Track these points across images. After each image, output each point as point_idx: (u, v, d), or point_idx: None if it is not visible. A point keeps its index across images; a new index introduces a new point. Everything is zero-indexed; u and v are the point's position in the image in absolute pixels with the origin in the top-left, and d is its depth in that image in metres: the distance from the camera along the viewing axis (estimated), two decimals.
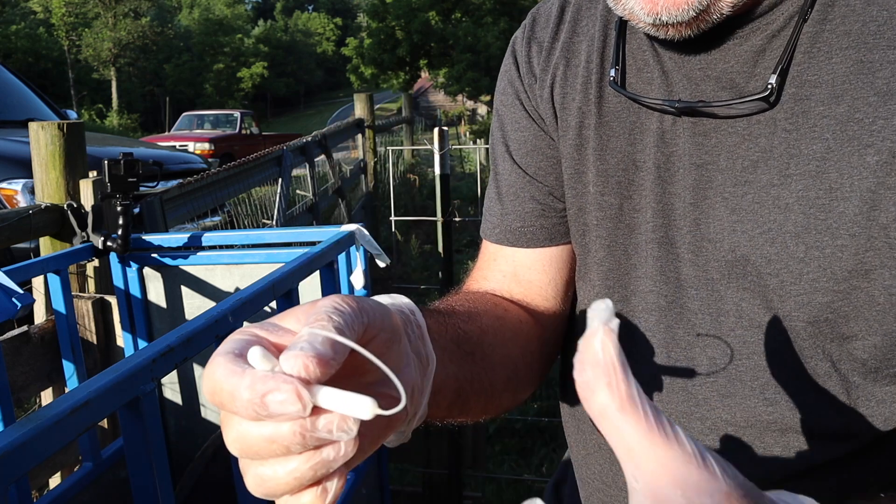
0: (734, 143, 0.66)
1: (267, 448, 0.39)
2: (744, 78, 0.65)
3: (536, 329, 0.81)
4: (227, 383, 0.38)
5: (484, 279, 0.85)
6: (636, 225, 0.72)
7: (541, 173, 0.81)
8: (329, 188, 5.66)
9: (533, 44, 0.82)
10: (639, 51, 0.73)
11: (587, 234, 0.77)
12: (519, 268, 0.83)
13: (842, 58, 0.61)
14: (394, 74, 25.00)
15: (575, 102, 0.76)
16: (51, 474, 1.80)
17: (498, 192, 0.84)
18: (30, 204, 2.21)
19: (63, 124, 2.03)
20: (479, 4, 23.16)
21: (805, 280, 0.62)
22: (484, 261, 0.86)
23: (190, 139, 13.92)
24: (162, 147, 6.05)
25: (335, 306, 0.42)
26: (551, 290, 0.83)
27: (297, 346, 0.39)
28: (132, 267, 1.84)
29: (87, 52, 41.14)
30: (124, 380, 0.85)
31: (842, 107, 0.61)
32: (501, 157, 0.84)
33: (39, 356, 1.67)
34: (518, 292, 0.82)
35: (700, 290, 0.68)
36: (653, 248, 0.71)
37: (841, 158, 0.60)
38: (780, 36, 0.63)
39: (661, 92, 0.70)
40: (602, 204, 0.74)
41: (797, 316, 0.63)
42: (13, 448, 0.67)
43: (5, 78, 4.80)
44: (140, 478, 0.90)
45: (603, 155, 0.74)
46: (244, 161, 3.47)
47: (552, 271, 0.83)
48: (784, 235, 0.63)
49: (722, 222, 0.66)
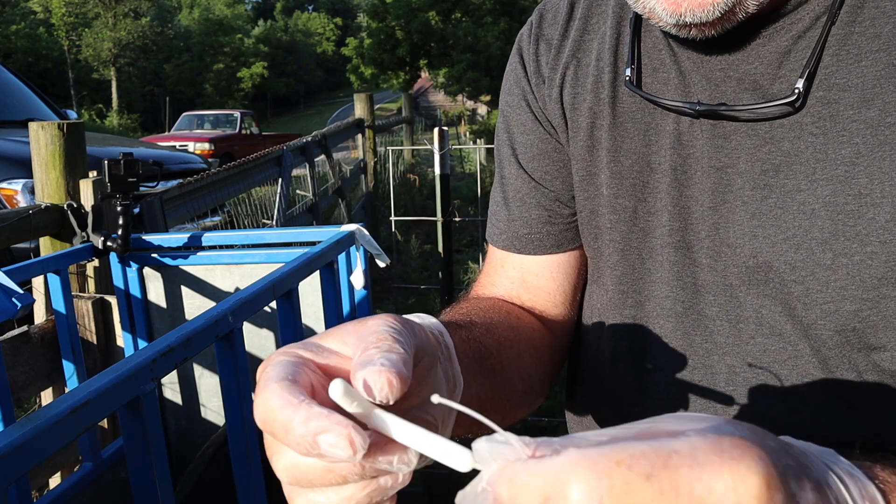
0: (754, 145, 0.64)
1: (323, 477, 0.38)
2: (768, 80, 0.63)
3: (548, 337, 0.80)
4: (281, 414, 0.36)
5: (492, 285, 0.83)
6: (651, 228, 0.70)
7: (547, 178, 0.79)
8: (329, 188, 5.66)
9: (541, 42, 0.79)
10: (654, 50, 0.71)
11: (600, 238, 0.75)
12: (527, 274, 0.82)
13: (872, 61, 0.59)
14: (394, 74, 25.00)
15: (586, 103, 0.74)
16: (51, 474, 1.80)
17: (504, 197, 0.82)
18: (30, 204, 2.21)
19: (63, 124, 2.03)
20: (479, 4, 23.15)
21: (832, 288, 0.60)
22: (491, 266, 0.85)
23: (190, 139, 13.92)
24: (162, 147, 6.05)
25: (391, 325, 0.41)
26: (560, 297, 0.82)
27: (373, 362, 0.37)
28: (132, 267, 1.84)
29: (87, 52, 41.13)
30: (124, 380, 0.85)
31: (872, 111, 0.59)
32: (507, 161, 0.82)
33: (39, 356, 1.67)
34: (527, 298, 0.81)
35: (718, 297, 0.67)
36: (669, 252, 0.69)
37: (871, 163, 0.58)
38: (807, 37, 0.62)
39: (679, 93, 0.68)
40: (616, 206, 0.72)
41: (823, 325, 0.62)
42: (13, 448, 0.67)
43: (5, 78, 4.80)
44: (140, 478, 0.90)
45: (617, 156, 0.72)
46: (244, 161, 3.47)
47: (560, 277, 0.82)
48: (810, 241, 0.61)
49: (742, 227, 0.64)
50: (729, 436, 0.30)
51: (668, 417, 0.34)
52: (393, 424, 0.36)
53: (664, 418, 0.34)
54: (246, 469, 1.09)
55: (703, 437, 0.30)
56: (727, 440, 0.30)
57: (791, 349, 0.64)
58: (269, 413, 0.37)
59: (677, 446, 0.30)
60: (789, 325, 0.63)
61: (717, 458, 0.29)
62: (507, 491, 0.30)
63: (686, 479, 0.29)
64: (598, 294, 0.78)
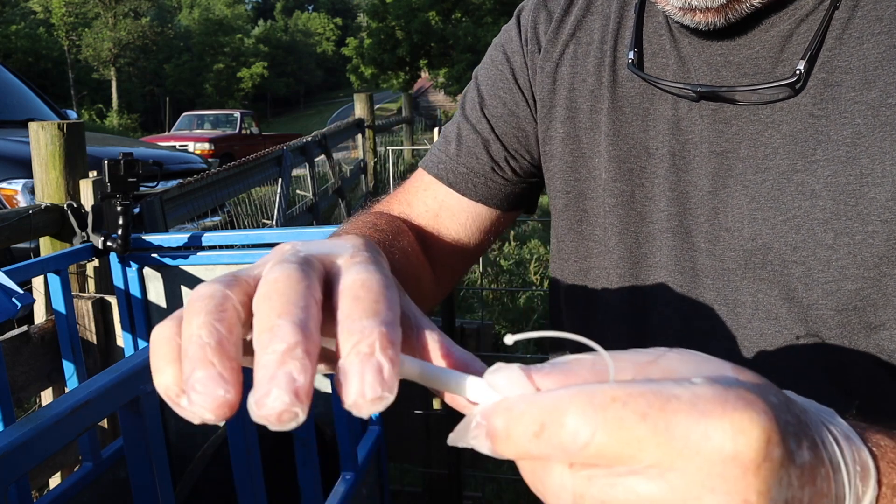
0: (756, 130, 0.64)
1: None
2: (770, 63, 0.64)
3: (432, 283, 0.81)
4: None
5: (408, 204, 0.84)
6: (648, 213, 0.71)
7: (506, 137, 0.81)
8: (329, 188, 5.66)
9: (542, 11, 0.80)
10: (655, 34, 0.71)
11: (586, 221, 0.76)
12: (444, 209, 0.83)
13: (874, 43, 0.60)
14: (394, 74, 25.00)
15: (587, 84, 0.75)
16: (51, 474, 1.80)
17: (458, 136, 0.83)
18: (30, 204, 2.21)
19: (63, 124, 2.03)
20: (479, 4, 23.16)
21: (834, 267, 0.61)
22: (414, 186, 0.85)
23: (190, 139, 13.91)
24: (162, 147, 6.05)
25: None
26: (460, 245, 0.83)
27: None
28: (132, 267, 1.84)
29: (87, 52, 41.14)
30: (124, 380, 0.84)
31: (874, 92, 0.59)
32: (472, 107, 0.83)
33: (39, 356, 1.67)
34: (432, 233, 0.82)
35: (716, 281, 0.67)
36: (667, 237, 0.69)
37: (872, 144, 0.59)
38: (809, 20, 0.62)
39: (678, 77, 0.68)
40: (614, 191, 0.72)
41: (824, 304, 0.62)
42: (13, 448, 0.67)
43: (5, 78, 4.80)
44: (140, 478, 0.90)
45: (616, 141, 0.72)
46: (244, 161, 3.47)
47: (471, 227, 0.83)
48: (811, 222, 0.61)
49: (741, 210, 0.65)
50: (735, 388, 0.30)
51: (673, 355, 0.33)
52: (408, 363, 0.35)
53: (670, 355, 0.33)
54: (246, 469, 1.09)
55: (710, 386, 0.30)
56: (733, 392, 0.30)
57: (787, 333, 0.64)
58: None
59: (678, 391, 0.29)
60: (785, 309, 0.64)
61: (720, 408, 0.29)
62: (503, 421, 0.31)
63: (683, 424, 0.29)
64: (593, 276, 0.77)
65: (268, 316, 0.32)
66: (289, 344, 0.31)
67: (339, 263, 0.37)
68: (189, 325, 0.33)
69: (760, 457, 0.29)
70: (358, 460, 1.48)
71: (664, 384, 0.30)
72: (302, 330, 0.31)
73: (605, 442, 0.29)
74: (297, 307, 0.32)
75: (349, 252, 0.37)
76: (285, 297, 0.33)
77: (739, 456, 0.29)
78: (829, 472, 0.32)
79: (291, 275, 0.34)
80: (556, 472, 0.31)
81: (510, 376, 0.32)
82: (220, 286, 0.35)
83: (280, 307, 0.32)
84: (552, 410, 0.30)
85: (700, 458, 0.29)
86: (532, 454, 0.31)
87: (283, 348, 0.31)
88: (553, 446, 0.30)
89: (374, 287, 0.34)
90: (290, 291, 0.33)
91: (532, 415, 0.30)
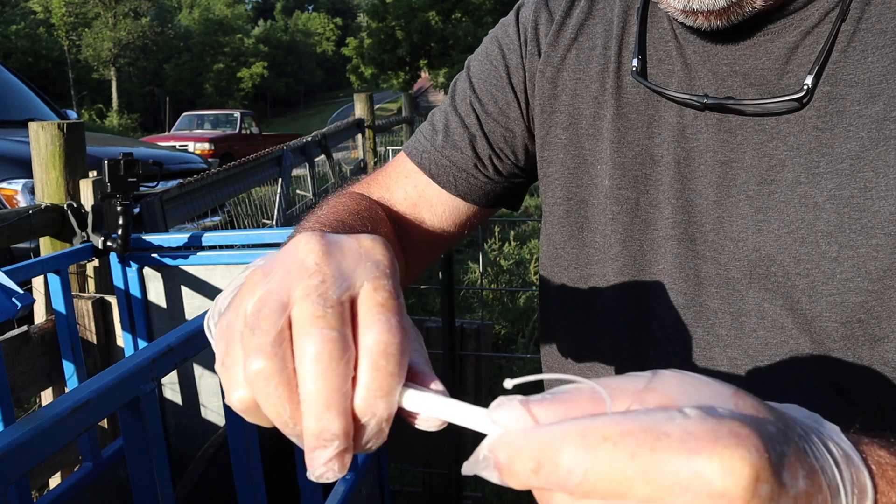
0: (761, 140, 0.64)
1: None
2: (775, 75, 0.64)
3: (403, 272, 0.80)
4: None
5: (387, 189, 0.84)
6: (653, 220, 0.70)
7: (494, 136, 0.80)
8: (329, 188, 5.66)
9: (543, 11, 0.78)
10: (660, 41, 0.71)
11: (587, 228, 0.75)
12: (422, 199, 0.83)
13: (878, 56, 0.60)
14: (394, 74, 25.01)
15: (590, 91, 0.74)
16: (51, 474, 1.80)
17: (446, 126, 0.82)
18: (30, 204, 2.21)
19: (63, 124, 2.03)
20: (479, 4, 23.16)
21: (838, 280, 0.61)
22: (395, 171, 0.85)
23: (190, 139, 13.91)
24: (162, 147, 6.04)
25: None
26: (434, 235, 0.83)
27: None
28: (132, 267, 1.84)
29: (87, 52, 41.12)
30: (124, 380, 0.84)
31: (878, 105, 0.59)
32: (463, 101, 0.82)
33: (39, 356, 1.67)
34: (409, 221, 0.82)
35: (720, 289, 0.67)
36: (672, 244, 0.69)
37: (877, 157, 0.59)
38: (815, 33, 0.62)
39: (683, 85, 0.68)
40: (618, 198, 0.72)
41: (828, 317, 0.62)
42: (13, 448, 0.67)
43: (5, 78, 4.79)
44: (140, 478, 0.90)
45: (620, 148, 0.71)
46: (244, 161, 3.47)
47: (447, 220, 0.83)
48: (815, 234, 0.61)
49: (746, 221, 0.65)
50: (729, 422, 0.30)
51: (671, 378, 0.34)
52: (415, 397, 0.38)
53: (667, 378, 0.33)
54: (246, 469, 1.09)
55: (702, 420, 0.30)
56: (726, 427, 0.30)
57: (792, 343, 0.64)
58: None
59: (669, 429, 0.30)
60: (790, 320, 0.64)
61: (711, 445, 0.29)
62: (505, 456, 0.32)
63: (673, 462, 0.29)
64: (596, 281, 0.77)
65: (316, 404, 0.36)
66: (339, 450, 0.36)
67: (363, 297, 0.38)
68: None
69: (749, 494, 0.29)
70: (358, 461, 1.48)
71: (657, 418, 0.31)
72: (345, 433, 0.36)
73: (598, 480, 0.30)
74: (340, 394, 0.36)
75: (372, 283, 0.38)
76: (332, 385, 0.36)
77: (728, 493, 0.29)
78: (827, 498, 0.33)
79: (333, 354, 0.36)
80: (558, 499, 0.32)
81: (511, 411, 0.34)
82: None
83: (328, 397, 0.36)
84: (547, 449, 0.31)
85: (690, 494, 0.29)
86: (534, 487, 0.32)
87: (331, 453, 0.36)
88: (550, 483, 0.31)
89: (393, 353, 0.37)
90: (334, 376, 0.36)
91: (530, 452, 0.32)
